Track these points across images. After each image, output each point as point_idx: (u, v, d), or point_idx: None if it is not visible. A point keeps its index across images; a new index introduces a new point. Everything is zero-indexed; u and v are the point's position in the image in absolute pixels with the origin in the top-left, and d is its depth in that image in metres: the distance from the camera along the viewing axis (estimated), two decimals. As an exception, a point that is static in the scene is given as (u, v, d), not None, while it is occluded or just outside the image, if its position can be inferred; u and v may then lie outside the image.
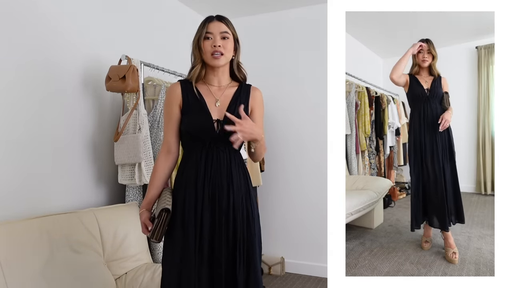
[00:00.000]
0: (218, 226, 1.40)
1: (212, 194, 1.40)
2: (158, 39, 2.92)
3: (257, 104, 1.54)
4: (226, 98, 1.48)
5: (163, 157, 1.50)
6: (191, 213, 1.39)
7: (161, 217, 1.36)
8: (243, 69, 1.54)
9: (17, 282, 1.61)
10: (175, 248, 1.40)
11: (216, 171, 1.41)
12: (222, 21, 1.45)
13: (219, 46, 1.41)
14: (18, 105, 1.93)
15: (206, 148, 1.42)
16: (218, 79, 1.50)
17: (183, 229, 1.39)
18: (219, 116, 1.45)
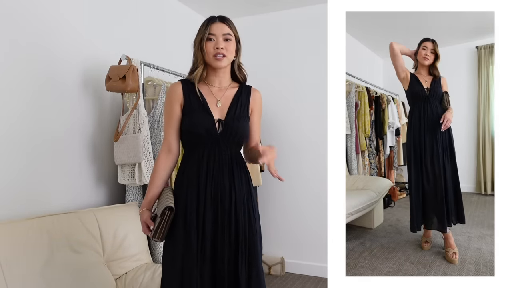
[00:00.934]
0: (221, 226, 1.40)
1: (214, 194, 1.41)
2: (158, 39, 2.92)
3: (257, 106, 1.55)
4: (227, 98, 1.49)
5: (163, 157, 1.50)
6: (193, 213, 1.40)
7: (165, 216, 1.36)
8: (244, 70, 1.54)
9: (17, 282, 1.61)
10: (177, 248, 1.40)
11: (218, 170, 1.42)
12: (225, 22, 1.45)
13: (222, 48, 1.41)
14: (18, 105, 1.93)
15: (208, 148, 1.43)
16: (219, 80, 1.50)
17: (185, 229, 1.39)
18: (221, 116, 1.45)
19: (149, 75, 2.57)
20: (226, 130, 1.43)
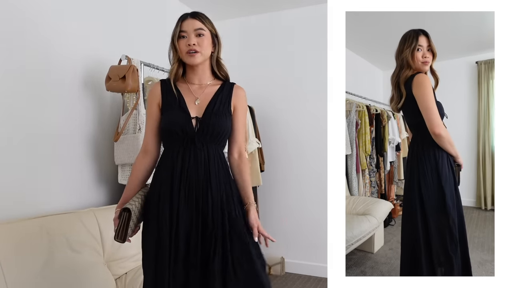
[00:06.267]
0: (195, 227, 1.37)
1: (188, 193, 1.38)
2: (158, 39, 2.92)
3: (240, 103, 1.51)
4: (207, 96, 1.46)
5: (140, 157, 1.49)
6: (166, 210, 1.37)
7: (122, 217, 1.36)
8: (224, 66, 1.51)
9: (17, 282, 1.61)
10: (150, 248, 1.39)
11: (193, 169, 1.38)
12: (196, 17, 1.44)
13: (194, 44, 1.40)
14: (18, 105, 1.93)
15: (183, 146, 1.40)
16: (198, 77, 1.49)
17: (157, 229, 1.38)
18: (198, 113, 1.43)
19: (149, 75, 2.57)
20: (203, 127, 1.40)
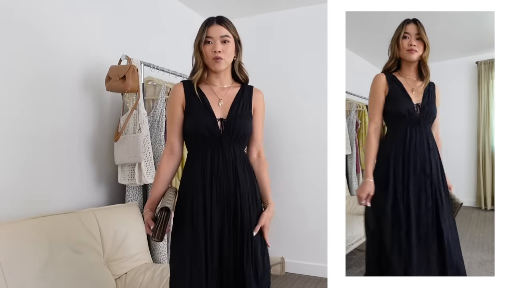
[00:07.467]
0: (227, 226, 1.40)
1: (220, 193, 1.41)
2: (158, 39, 2.92)
3: (259, 105, 1.56)
4: (229, 98, 1.49)
5: (166, 159, 1.50)
6: (200, 214, 1.40)
7: (161, 216, 1.37)
8: (245, 70, 1.55)
9: (17, 282, 1.61)
10: (184, 248, 1.40)
11: (222, 170, 1.42)
12: (222, 24, 1.45)
13: (220, 51, 1.42)
14: (18, 105, 1.93)
15: (211, 148, 1.43)
16: (220, 80, 1.51)
17: (192, 229, 1.40)
18: (223, 115, 1.46)
19: (149, 75, 2.57)
20: (229, 128, 1.43)
